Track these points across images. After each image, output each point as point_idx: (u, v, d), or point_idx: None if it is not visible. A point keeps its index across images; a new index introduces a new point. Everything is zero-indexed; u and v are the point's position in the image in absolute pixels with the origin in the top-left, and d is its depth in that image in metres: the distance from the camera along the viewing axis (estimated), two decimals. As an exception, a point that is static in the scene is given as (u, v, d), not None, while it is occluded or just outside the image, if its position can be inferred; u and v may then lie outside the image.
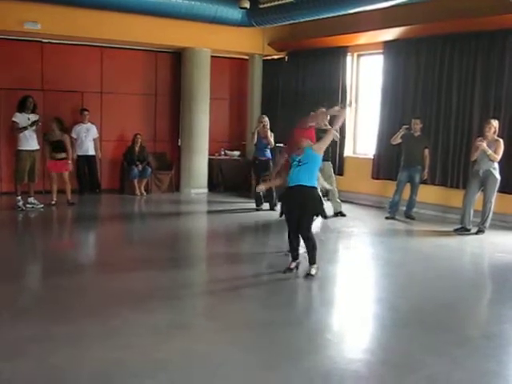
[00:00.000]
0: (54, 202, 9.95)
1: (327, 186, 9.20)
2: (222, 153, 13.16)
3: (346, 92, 11.87)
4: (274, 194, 9.90)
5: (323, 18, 9.78)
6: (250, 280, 6.12)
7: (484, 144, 8.42)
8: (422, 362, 4.03)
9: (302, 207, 6.00)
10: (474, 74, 9.81)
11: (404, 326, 4.82)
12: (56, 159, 10.09)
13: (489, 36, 9.49)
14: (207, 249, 8.22)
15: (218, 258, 7.20)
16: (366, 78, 12.07)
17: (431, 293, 5.81)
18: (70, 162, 10.22)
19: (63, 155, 10.09)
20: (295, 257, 6.26)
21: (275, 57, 13.06)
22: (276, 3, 9.67)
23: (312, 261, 6.08)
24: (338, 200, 9.83)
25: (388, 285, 6.19)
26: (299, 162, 6.02)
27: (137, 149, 11.74)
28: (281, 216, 6.43)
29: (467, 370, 3.93)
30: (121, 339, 4.30)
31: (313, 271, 6.04)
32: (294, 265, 6.24)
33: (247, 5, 10.19)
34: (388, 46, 11.01)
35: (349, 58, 11.87)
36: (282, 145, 11.03)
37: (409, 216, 9.94)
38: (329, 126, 9.24)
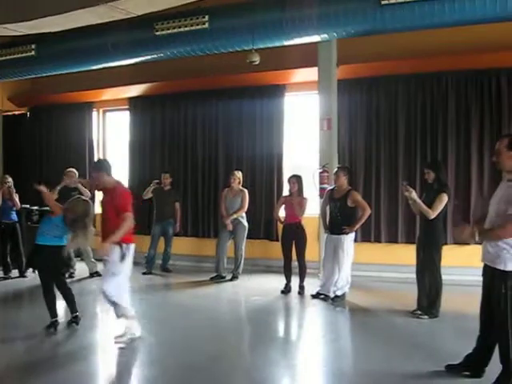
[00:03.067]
0: None
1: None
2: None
3: (93, 148, 11.69)
4: (24, 259, 9.18)
5: (67, 73, 9.50)
6: (13, 361, 5.45)
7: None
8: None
9: None
10: (216, 129, 10.46)
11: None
12: None
13: (227, 92, 10.21)
14: None
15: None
16: (112, 134, 12.02)
17: (198, 346, 5.81)
18: None
19: None
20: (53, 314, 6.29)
21: (16, 112, 12.29)
22: (15, 56, 9.09)
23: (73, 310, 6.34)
24: (93, 260, 9.45)
25: (155, 344, 6.03)
26: None
27: None
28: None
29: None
30: None
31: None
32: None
33: (-19, 56, 9.42)
34: (133, 102, 11.16)
35: (95, 114, 11.73)
36: (28, 206, 10.33)
37: (165, 269, 10.01)
38: (80, 185, 8.99)
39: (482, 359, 4.57)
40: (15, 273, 9.40)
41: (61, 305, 6.56)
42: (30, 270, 6.63)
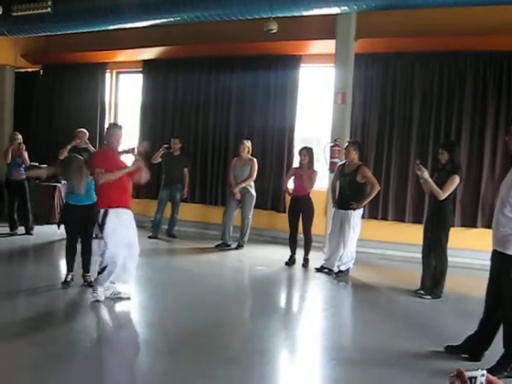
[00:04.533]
0: None
1: None
2: (-33, 172, 11.85)
3: (104, 109, 11.64)
4: (31, 216, 9.25)
5: (82, 33, 9.40)
6: (10, 316, 5.51)
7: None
8: (201, 386, 4.01)
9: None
10: (229, 97, 10.34)
11: (177, 349, 4.75)
12: None
13: (242, 60, 10.09)
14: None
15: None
16: (125, 96, 11.96)
17: (200, 312, 5.86)
18: None
19: None
20: (70, 268, 6.50)
21: (29, 70, 12.21)
22: (31, 12, 8.99)
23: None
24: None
25: (157, 307, 6.09)
26: None
27: None
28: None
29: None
30: None
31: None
32: (70, 277, 6.46)
33: (-2, 11, 9.31)
34: (147, 64, 11.06)
35: (108, 75, 11.65)
36: (37, 164, 10.33)
37: (171, 234, 10.03)
38: (90, 145, 8.95)
39: (483, 343, 4.58)
40: (22, 230, 9.45)
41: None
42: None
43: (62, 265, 7.60)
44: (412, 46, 8.75)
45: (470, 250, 8.12)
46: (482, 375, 1.26)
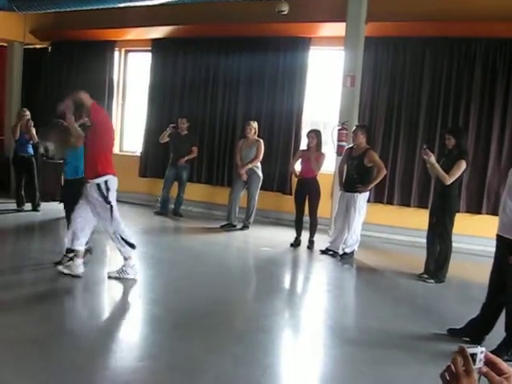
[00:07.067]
0: None
1: None
2: (-23, 149, 11.92)
3: (113, 87, 11.63)
4: (38, 193, 9.31)
5: (91, 10, 9.39)
6: (16, 291, 5.57)
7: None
8: (207, 363, 4.06)
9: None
10: (238, 78, 10.31)
11: (183, 327, 4.82)
12: None
13: (252, 42, 10.04)
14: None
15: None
16: (133, 75, 11.95)
17: (205, 291, 5.91)
18: None
19: None
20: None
21: (38, 46, 12.17)
22: (40, -12, 9.01)
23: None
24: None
25: (162, 285, 6.16)
26: None
27: None
28: None
29: (249, 366, 4.07)
30: None
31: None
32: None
33: (6, -14, 9.32)
34: (156, 43, 11.02)
35: (117, 53, 11.63)
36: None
37: (177, 213, 10.08)
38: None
39: (485, 327, 4.63)
40: (28, 206, 9.51)
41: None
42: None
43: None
44: (422, 31, 8.70)
45: (474, 236, 8.16)
46: (482, 352, 1.32)
